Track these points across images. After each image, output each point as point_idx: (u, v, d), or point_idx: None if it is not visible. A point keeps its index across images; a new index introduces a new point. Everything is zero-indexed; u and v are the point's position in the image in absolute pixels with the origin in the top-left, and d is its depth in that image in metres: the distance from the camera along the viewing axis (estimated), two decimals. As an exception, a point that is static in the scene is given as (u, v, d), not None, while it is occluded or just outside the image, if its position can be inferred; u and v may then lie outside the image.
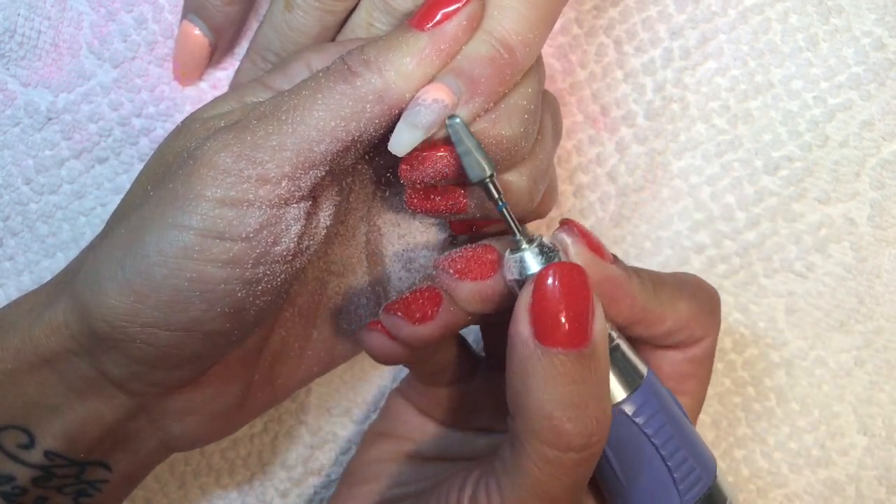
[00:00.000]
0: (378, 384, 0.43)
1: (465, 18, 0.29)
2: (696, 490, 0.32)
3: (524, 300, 0.29)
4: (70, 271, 0.32)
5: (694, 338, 0.34)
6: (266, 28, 0.37)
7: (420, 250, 0.38)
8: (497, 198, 0.30)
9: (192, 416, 0.33)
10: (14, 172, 0.41)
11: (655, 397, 0.32)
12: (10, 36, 0.40)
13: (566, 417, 0.28)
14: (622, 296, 0.32)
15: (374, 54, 0.29)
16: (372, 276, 0.37)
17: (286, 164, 0.28)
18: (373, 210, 0.37)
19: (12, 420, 0.31)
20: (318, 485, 0.42)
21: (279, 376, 0.36)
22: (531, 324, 0.28)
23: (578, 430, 0.28)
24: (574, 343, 0.28)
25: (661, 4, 0.41)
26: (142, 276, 0.28)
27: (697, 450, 0.33)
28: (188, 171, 0.29)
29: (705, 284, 0.36)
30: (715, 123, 0.41)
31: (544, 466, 0.28)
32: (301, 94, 0.29)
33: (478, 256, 0.32)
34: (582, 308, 0.29)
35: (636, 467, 0.32)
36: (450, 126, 0.29)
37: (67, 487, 0.32)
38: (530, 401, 0.28)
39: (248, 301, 0.30)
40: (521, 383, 0.29)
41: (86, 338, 0.30)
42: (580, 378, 0.28)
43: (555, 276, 0.29)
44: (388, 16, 0.35)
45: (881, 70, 0.41)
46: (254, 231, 0.29)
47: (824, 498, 0.42)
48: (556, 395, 0.28)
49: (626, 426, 0.31)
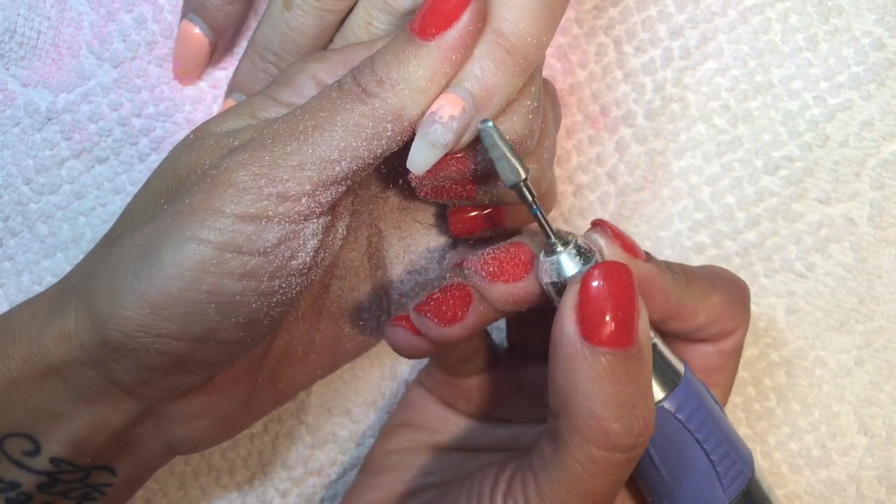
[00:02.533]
0: (378, 384, 0.43)
1: (470, 22, 0.29)
2: (739, 483, 0.32)
3: (570, 300, 0.29)
4: (75, 277, 0.32)
5: (726, 330, 0.34)
6: (265, 27, 0.37)
7: (421, 253, 0.38)
8: (531, 201, 0.30)
9: (199, 420, 0.33)
10: (14, 172, 0.41)
11: (695, 393, 0.32)
12: (10, 36, 0.40)
13: (613, 417, 0.28)
14: (657, 292, 0.32)
15: (385, 72, 0.29)
16: (374, 279, 0.37)
17: (307, 182, 0.28)
18: (374, 213, 0.37)
19: (17, 428, 0.31)
20: (318, 485, 0.42)
21: (282, 379, 0.36)
22: (578, 323, 0.28)
23: (626, 431, 0.28)
24: (621, 343, 0.28)
25: (661, 4, 0.41)
26: (158, 288, 0.28)
27: (736, 443, 0.33)
28: (206, 188, 0.28)
29: (736, 277, 0.36)
30: (715, 123, 0.41)
31: (589, 466, 0.28)
32: (318, 116, 0.29)
33: (511, 257, 0.32)
34: (628, 308, 0.28)
35: (680, 464, 0.32)
36: (483, 130, 0.29)
37: (72, 492, 0.32)
38: (576, 401, 0.28)
39: (262, 312, 0.30)
40: (566, 383, 0.28)
41: (96, 347, 0.29)
42: (626, 378, 0.28)
43: (602, 275, 0.29)
44: (386, 14, 0.35)
45: (881, 70, 0.41)
46: (272, 246, 0.29)
47: (825, 498, 0.42)
48: (604, 395, 0.28)
49: (668, 423, 0.31)
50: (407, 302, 0.38)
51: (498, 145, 0.29)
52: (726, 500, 0.32)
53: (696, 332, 0.34)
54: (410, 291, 0.38)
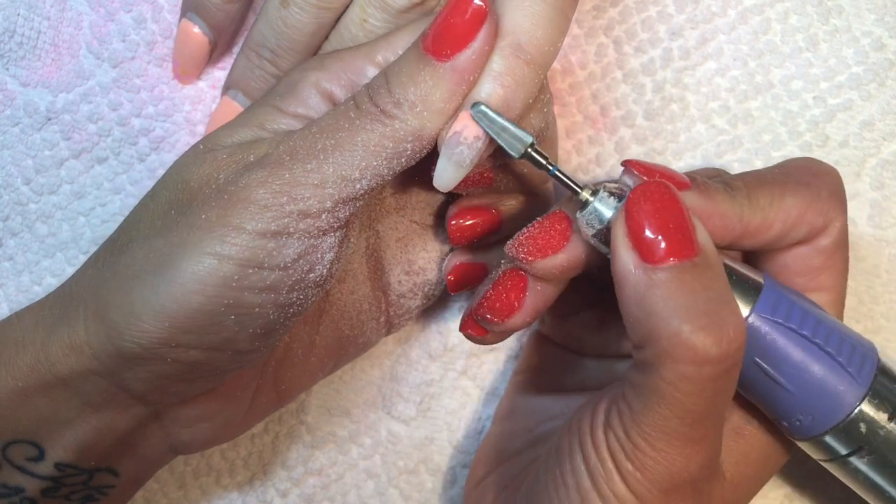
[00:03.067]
0: (378, 384, 0.43)
1: (486, 42, 0.29)
2: (868, 368, 0.30)
3: (619, 231, 0.28)
4: (79, 284, 0.31)
5: (816, 228, 0.32)
6: (261, 24, 0.37)
7: (418, 253, 0.38)
8: (545, 163, 0.30)
9: (203, 422, 0.33)
10: (13, 172, 0.41)
11: (783, 293, 0.31)
12: (10, 36, 0.40)
13: (697, 329, 0.26)
14: (711, 217, 0.30)
15: (403, 94, 0.29)
16: (372, 281, 0.37)
17: (328, 200, 0.29)
18: (372, 215, 0.37)
19: (21, 435, 0.31)
20: (318, 485, 0.42)
21: (283, 381, 0.36)
22: (634, 250, 0.27)
23: (713, 340, 0.26)
24: (684, 253, 0.27)
25: (660, 5, 0.41)
26: (178, 302, 0.28)
27: (850, 332, 0.31)
28: (223, 204, 0.29)
29: (816, 166, 0.33)
30: (715, 124, 0.41)
31: (682, 385, 0.27)
32: (338, 136, 0.29)
33: (544, 230, 0.31)
34: (680, 219, 0.28)
35: (798, 369, 0.30)
36: (475, 114, 0.29)
37: (75, 495, 0.32)
38: (656, 326, 0.27)
39: (279, 322, 0.30)
40: (641, 312, 0.27)
41: (110, 358, 0.29)
42: (701, 287, 0.27)
43: (642, 195, 0.28)
44: (382, 12, 0.35)
45: (881, 70, 0.41)
46: (292, 261, 0.29)
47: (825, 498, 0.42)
48: (681, 309, 0.26)
49: (769, 331, 0.30)
50: (407, 302, 0.38)
51: (496, 121, 0.29)
52: (862, 387, 0.30)
53: (779, 240, 0.32)
54: (409, 292, 0.38)
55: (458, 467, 0.42)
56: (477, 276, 0.37)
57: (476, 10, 0.28)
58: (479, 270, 0.37)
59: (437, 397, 0.42)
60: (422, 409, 0.42)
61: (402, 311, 0.38)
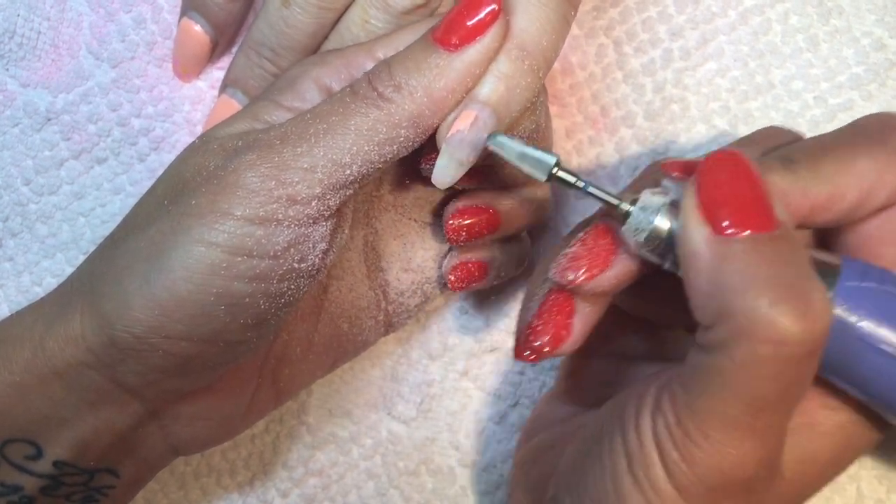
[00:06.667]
0: (378, 384, 0.43)
1: (496, 39, 0.29)
2: None
3: (689, 204, 0.25)
4: (78, 280, 0.32)
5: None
6: (261, 23, 0.37)
7: (417, 250, 0.38)
8: (575, 182, 0.29)
9: (202, 420, 0.33)
10: (13, 173, 0.41)
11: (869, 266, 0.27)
12: (10, 36, 0.40)
13: (779, 301, 0.23)
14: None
15: (405, 78, 0.29)
16: (371, 278, 0.37)
17: (317, 185, 0.28)
18: (369, 212, 0.37)
19: (18, 433, 0.30)
20: (318, 485, 0.42)
21: (281, 379, 0.36)
22: (706, 223, 0.25)
23: (796, 317, 0.23)
24: (763, 225, 0.25)
25: (660, 5, 0.41)
26: (168, 290, 0.28)
27: None
28: (212, 189, 0.28)
29: (892, 119, 0.29)
30: (715, 124, 0.41)
31: (753, 367, 0.24)
32: (330, 119, 0.29)
33: (589, 247, 0.29)
34: (757, 190, 0.25)
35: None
36: (495, 145, 0.29)
37: (75, 495, 0.32)
38: (729, 299, 0.24)
39: (270, 312, 0.30)
40: (712, 287, 0.24)
41: (103, 348, 0.29)
42: (781, 260, 0.24)
43: (714, 164, 0.26)
44: (383, 13, 0.35)
45: (881, 70, 0.41)
46: (282, 249, 0.29)
47: (825, 498, 0.42)
48: (760, 280, 0.24)
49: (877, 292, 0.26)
50: (406, 300, 0.38)
51: (514, 149, 0.29)
52: None
53: (858, 209, 0.28)
54: (408, 290, 0.38)
55: (459, 468, 0.42)
56: (477, 274, 0.37)
57: (490, 10, 0.29)
58: (479, 269, 0.37)
59: (438, 398, 0.42)
60: (422, 410, 0.42)
61: (402, 309, 0.38)
